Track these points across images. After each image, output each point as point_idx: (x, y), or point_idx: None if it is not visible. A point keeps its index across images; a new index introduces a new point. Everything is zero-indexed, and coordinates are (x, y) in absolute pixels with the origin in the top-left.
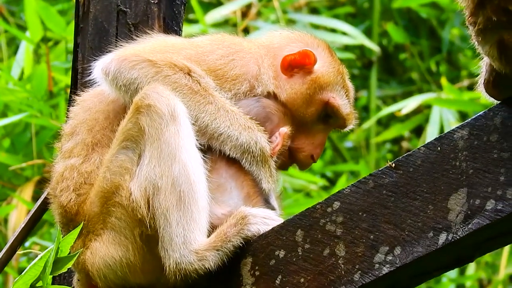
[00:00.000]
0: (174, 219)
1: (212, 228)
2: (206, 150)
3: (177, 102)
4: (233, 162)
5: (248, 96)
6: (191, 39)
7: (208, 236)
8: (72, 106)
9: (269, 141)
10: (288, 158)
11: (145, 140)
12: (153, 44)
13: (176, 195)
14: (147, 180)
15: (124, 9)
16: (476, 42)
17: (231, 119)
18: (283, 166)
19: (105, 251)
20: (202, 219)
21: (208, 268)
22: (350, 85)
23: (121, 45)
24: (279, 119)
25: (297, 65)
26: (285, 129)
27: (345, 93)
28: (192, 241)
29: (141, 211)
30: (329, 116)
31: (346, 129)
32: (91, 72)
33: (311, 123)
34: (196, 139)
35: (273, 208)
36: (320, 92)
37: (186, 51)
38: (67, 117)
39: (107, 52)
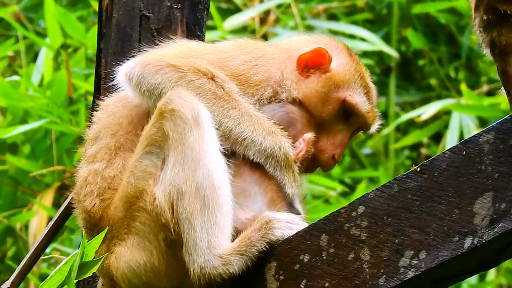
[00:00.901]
0: (198, 223)
1: (236, 232)
2: (230, 155)
3: (200, 107)
4: (257, 167)
5: (272, 102)
6: (214, 44)
7: (232, 241)
8: (96, 111)
9: (292, 147)
10: (311, 161)
11: (169, 145)
12: (176, 49)
13: (200, 200)
14: (171, 185)
15: (147, 14)
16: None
17: (254, 124)
18: (308, 169)
19: (130, 255)
20: (226, 223)
21: (233, 273)
22: (370, 84)
23: (144, 50)
24: (302, 125)
25: (313, 64)
26: (309, 135)
27: (364, 91)
28: (216, 246)
29: (165, 216)
30: (348, 115)
31: (371, 130)
32: (114, 77)
33: (330, 123)
34: (220, 144)
35: (297, 213)
36: (336, 90)
37: (209, 56)
38: (90, 122)
39: (130, 57)
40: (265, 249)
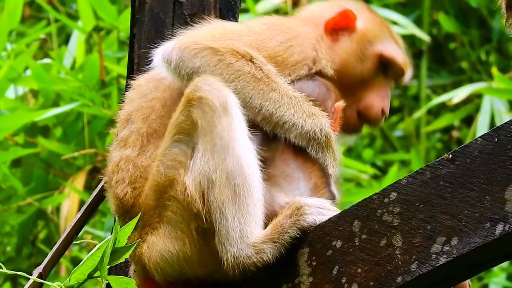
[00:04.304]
0: (230, 212)
1: (268, 218)
2: (272, 138)
3: (228, 93)
4: (300, 151)
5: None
6: (247, 24)
7: (265, 227)
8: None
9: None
10: (359, 120)
11: (197, 133)
12: (212, 31)
13: (231, 188)
14: (201, 174)
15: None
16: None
17: (295, 106)
18: (355, 129)
19: (162, 245)
20: (257, 211)
21: (266, 261)
22: (396, 34)
23: (179, 33)
24: (335, 95)
25: (340, 27)
26: (340, 104)
27: (394, 42)
28: (248, 235)
29: (197, 205)
30: (386, 68)
31: (406, 79)
32: (147, 62)
33: (371, 79)
34: (263, 127)
35: (333, 195)
36: (371, 46)
37: (246, 38)
38: (122, 103)
39: (164, 41)
40: (297, 236)
